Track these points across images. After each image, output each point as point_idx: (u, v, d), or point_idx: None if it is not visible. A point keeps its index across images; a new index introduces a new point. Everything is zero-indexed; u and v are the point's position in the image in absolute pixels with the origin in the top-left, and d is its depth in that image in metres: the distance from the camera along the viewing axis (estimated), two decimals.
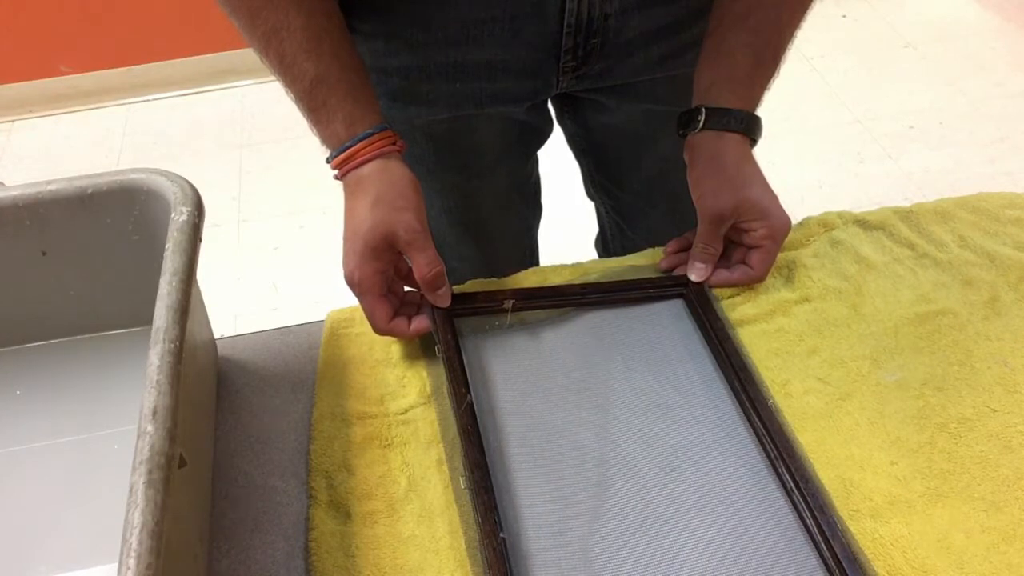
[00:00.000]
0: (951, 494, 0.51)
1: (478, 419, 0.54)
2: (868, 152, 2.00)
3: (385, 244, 0.57)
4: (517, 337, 0.62)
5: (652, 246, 0.70)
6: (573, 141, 0.92)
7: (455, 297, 0.61)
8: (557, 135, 0.90)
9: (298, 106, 0.60)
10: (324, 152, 0.60)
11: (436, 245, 0.59)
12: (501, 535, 0.48)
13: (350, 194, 0.59)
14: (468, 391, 0.55)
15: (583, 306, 0.64)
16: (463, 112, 0.73)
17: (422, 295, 0.60)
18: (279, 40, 0.57)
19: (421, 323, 0.60)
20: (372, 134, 0.58)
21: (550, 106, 0.84)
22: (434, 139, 0.77)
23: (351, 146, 0.58)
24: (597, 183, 0.96)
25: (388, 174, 0.58)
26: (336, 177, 0.60)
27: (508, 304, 0.62)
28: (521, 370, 0.60)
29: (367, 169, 0.58)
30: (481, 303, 0.63)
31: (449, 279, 0.61)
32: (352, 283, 0.58)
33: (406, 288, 0.62)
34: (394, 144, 0.59)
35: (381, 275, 0.58)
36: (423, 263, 0.58)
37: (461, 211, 0.86)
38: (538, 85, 0.72)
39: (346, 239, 0.58)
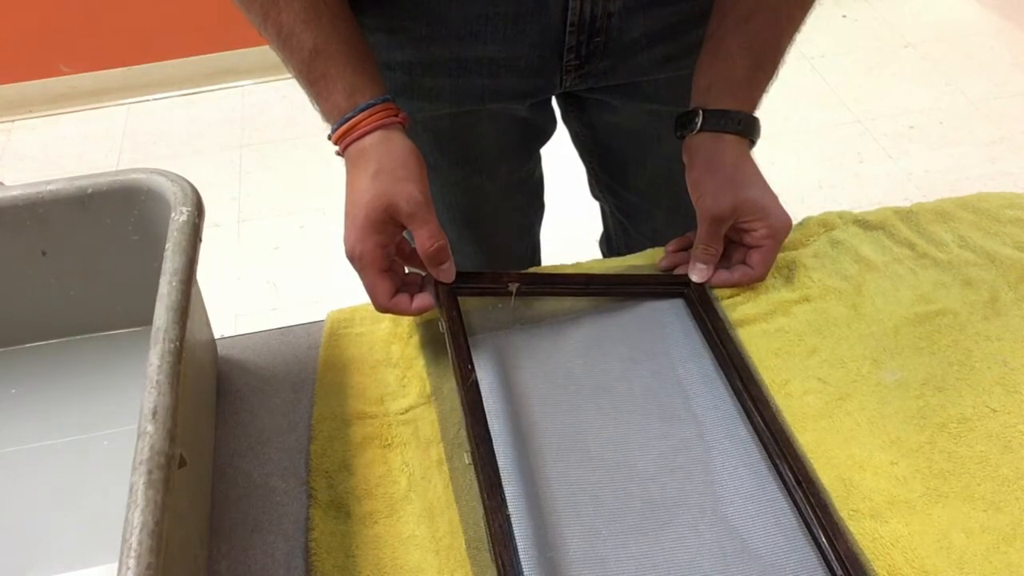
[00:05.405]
0: (951, 494, 0.51)
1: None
2: (868, 152, 2.00)
3: (386, 216, 0.56)
4: (517, 337, 0.62)
5: (656, 246, 0.70)
6: (578, 140, 0.91)
7: (459, 275, 0.59)
8: (562, 135, 0.90)
9: (299, 81, 0.59)
10: (326, 129, 0.59)
11: None
12: (506, 511, 0.47)
13: (351, 167, 0.58)
14: (472, 367, 0.54)
15: (586, 296, 0.64)
16: (465, 108, 0.73)
17: (425, 272, 0.59)
18: (277, 11, 0.56)
19: (424, 300, 0.59)
20: (374, 104, 0.57)
21: (555, 104, 0.84)
22: (436, 134, 0.77)
23: (352, 117, 0.57)
24: (602, 182, 0.96)
25: (389, 145, 0.57)
26: (338, 153, 0.59)
27: (513, 287, 0.61)
28: (521, 370, 0.60)
29: (368, 140, 0.57)
30: (486, 283, 0.62)
31: None
32: (353, 258, 0.57)
33: (408, 270, 0.61)
34: (396, 116, 0.58)
35: (383, 249, 0.57)
36: (425, 236, 0.56)
37: (462, 208, 0.86)
38: (541, 83, 0.72)
39: (347, 213, 0.57)
